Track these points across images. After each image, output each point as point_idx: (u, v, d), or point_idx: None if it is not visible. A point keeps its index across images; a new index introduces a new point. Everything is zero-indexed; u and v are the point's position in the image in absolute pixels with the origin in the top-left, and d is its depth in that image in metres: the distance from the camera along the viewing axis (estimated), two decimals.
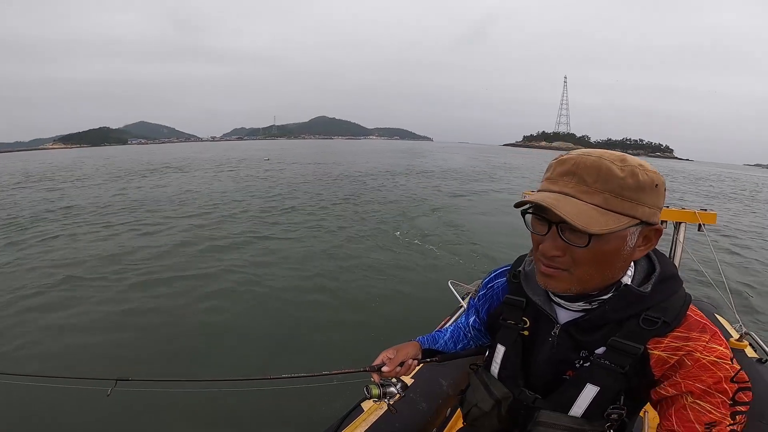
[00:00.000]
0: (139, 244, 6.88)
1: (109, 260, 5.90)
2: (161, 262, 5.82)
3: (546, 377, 0.74)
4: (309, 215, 9.37)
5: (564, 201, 0.59)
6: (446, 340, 1.04)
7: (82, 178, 18.62)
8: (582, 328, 0.69)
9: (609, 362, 0.66)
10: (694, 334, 0.62)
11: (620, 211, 0.58)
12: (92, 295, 4.63)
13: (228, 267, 5.58)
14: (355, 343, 3.55)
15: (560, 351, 0.72)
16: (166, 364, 3.28)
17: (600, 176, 0.58)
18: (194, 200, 11.48)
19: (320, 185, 15.15)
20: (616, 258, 0.61)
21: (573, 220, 0.56)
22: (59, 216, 9.39)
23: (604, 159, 0.58)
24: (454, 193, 13.58)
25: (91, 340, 3.67)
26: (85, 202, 11.28)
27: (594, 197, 0.58)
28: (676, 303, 0.64)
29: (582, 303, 0.68)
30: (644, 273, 0.68)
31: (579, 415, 0.69)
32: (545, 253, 0.63)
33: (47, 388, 1.34)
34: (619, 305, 0.65)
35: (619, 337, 0.65)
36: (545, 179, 0.65)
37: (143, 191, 13.65)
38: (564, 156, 0.63)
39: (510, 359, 0.80)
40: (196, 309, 4.29)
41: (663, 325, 0.63)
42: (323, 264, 5.83)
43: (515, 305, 0.79)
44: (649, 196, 0.59)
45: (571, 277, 0.63)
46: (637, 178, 0.58)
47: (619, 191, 0.57)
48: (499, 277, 0.88)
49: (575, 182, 0.60)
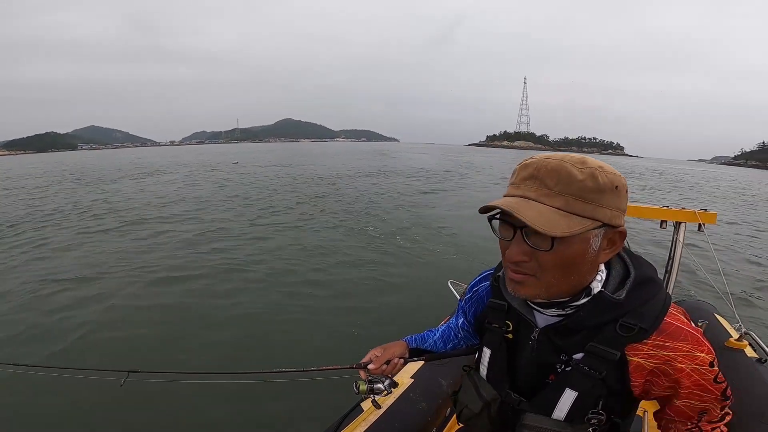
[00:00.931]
0: (143, 243, 7.14)
1: (120, 259, 6.18)
2: (169, 261, 6.06)
3: (530, 380, 0.76)
4: (301, 215, 9.69)
5: (526, 205, 0.59)
6: (435, 339, 1.05)
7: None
8: (560, 332, 0.70)
9: (587, 367, 0.66)
10: (675, 343, 0.64)
11: (582, 213, 0.59)
12: (107, 293, 4.87)
13: (234, 265, 5.83)
14: (351, 342, 3.71)
15: (541, 354, 0.73)
16: (176, 358, 3.44)
17: (561, 179, 0.59)
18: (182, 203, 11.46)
19: (305, 187, 15.29)
20: (581, 262, 0.62)
21: (534, 223, 0.57)
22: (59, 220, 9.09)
23: (564, 162, 0.60)
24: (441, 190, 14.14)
25: (106, 334, 3.87)
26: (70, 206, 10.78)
27: (555, 200, 0.59)
28: (653, 308, 0.65)
29: (555, 309, 0.69)
30: (619, 278, 0.68)
31: (561, 418, 0.70)
32: (511, 258, 0.64)
33: (63, 380, 1.42)
34: (594, 311, 0.66)
35: (597, 343, 0.66)
36: (510, 184, 0.66)
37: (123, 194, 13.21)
38: (527, 161, 0.64)
39: (496, 362, 0.81)
40: (204, 305, 4.50)
41: (640, 331, 0.63)
42: (323, 260, 6.09)
43: (498, 309, 0.80)
44: (610, 198, 0.60)
45: (539, 282, 0.63)
46: (596, 180, 0.59)
47: (580, 194, 0.59)
48: (483, 281, 0.89)
49: (537, 186, 0.61)
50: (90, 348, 3.64)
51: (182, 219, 9.30)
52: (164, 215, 9.75)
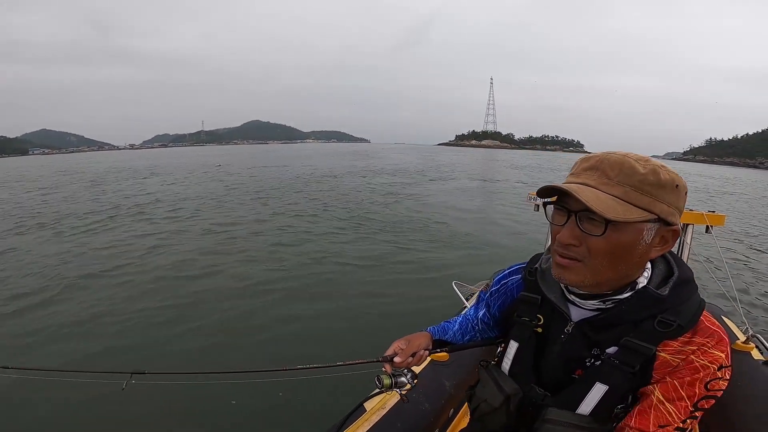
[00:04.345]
0: (144, 242, 7.31)
1: (120, 260, 6.19)
2: (166, 261, 6.11)
3: (557, 375, 0.76)
4: (310, 216, 9.82)
5: (585, 189, 0.61)
6: (455, 331, 1.04)
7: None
8: (596, 326, 0.71)
9: (620, 362, 0.67)
10: (701, 339, 0.64)
11: (639, 204, 0.60)
12: (106, 294, 4.79)
13: (238, 265, 5.86)
14: (365, 335, 3.67)
15: (572, 348, 0.74)
16: (182, 358, 3.38)
17: (622, 171, 0.61)
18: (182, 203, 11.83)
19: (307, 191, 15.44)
20: (631, 252, 0.63)
21: (591, 204, 0.58)
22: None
23: (627, 157, 0.62)
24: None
25: (109, 335, 3.81)
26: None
27: (614, 189, 0.61)
28: (691, 307, 0.66)
29: (596, 302, 0.70)
30: (662, 276, 0.69)
31: (587, 413, 0.70)
32: (562, 241, 0.65)
33: (65, 382, 1.37)
34: (636, 306, 0.66)
35: (633, 338, 0.66)
36: (570, 175, 0.68)
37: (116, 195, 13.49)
38: (589, 155, 0.66)
39: (523, 356, 0.81)
40: (211, 306, 4.46)
41: (677, 328, 0.64)
42: (333, 260, 6.16)
43: (530, 302, 0.81)
44: (669, 194, 0.61)
45: (585, 268, 0.65)
46: (658, 176, 0.60)
47: (639, 186, 0.60)
48: (514, 275, 0.90)
49: (598, 175, 0.62)
50: (91, 349, 3.54)
51: (205, 218, 9.66)
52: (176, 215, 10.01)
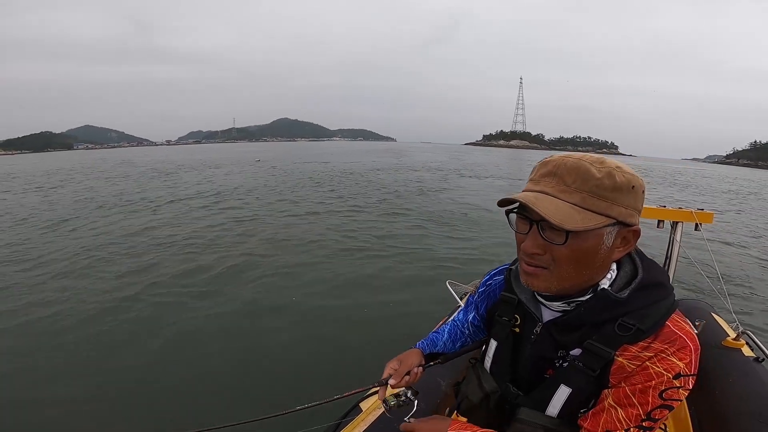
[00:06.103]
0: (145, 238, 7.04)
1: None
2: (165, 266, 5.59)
3: (529, 374, 0.77)
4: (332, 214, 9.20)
5: (543, 199, 0.62)
6: (445, 341, 1.04)
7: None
8: (561, 327, 0.72)
9: (582, 364, 0.67)
10: (660, 345, 0.63)
11: (597, 210, 0.61)
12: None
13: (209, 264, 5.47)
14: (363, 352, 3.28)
15: (541, 348, 0.75)
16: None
17: (579, 176, 0.62)
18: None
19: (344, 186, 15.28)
20: (593, 257, 0.64)
21: (550, 216, 0.59)
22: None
23: (583, 161, 0.62)
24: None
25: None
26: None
27: (572, 196, 0.62)
28: (657, 312, 0.65)
29: (560, 303, 0.71)
30: (626, 279, 0.70)
31: (554, 415, 0.71)
32: (526, 250, 0.66)
33: None
34: (594, 308, 0.67)
35: (594, 341, 0.67)
36: (529, 180, 0.69)
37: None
38: (547, 159, 0.67)
39: (501, 354, 0.83)
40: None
41: (637, 332, 0.64)
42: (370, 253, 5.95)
43: (509, 302, 0.82)
44: (626, 197, 0.62)
45: (551, 275, 0.66)
46: (614, 179, 0.61)
47: (596, 191, 0.61)
48: (498, 275, 0.93)
49: (555, 182, 0.64)
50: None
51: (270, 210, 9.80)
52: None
